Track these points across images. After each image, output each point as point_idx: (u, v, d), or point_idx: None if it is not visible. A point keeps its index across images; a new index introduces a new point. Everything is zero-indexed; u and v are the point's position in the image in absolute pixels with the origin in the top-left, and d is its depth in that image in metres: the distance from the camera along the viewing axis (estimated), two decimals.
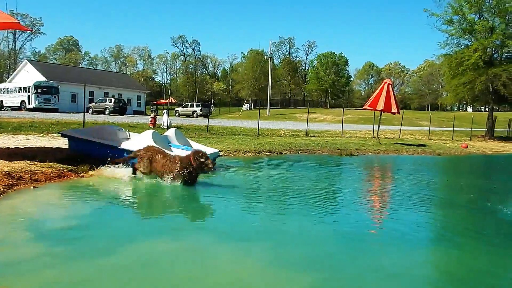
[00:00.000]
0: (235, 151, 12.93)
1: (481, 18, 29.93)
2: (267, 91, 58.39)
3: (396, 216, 5.60)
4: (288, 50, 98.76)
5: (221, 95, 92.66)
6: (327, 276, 3.38)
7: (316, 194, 6.88)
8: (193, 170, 6.00)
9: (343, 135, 22.55)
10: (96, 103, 41.06)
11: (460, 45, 31.37)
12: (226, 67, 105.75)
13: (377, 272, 3.50)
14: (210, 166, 5.99)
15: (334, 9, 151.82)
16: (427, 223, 5.40)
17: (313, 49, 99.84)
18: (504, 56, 30.33)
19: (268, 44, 59.38)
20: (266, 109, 56.32)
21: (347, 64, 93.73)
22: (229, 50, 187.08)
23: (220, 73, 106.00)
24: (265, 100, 60.13)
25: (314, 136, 20.67)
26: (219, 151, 10.68)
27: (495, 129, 32.01)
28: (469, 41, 30.63)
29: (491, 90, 29.50)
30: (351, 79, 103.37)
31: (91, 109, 39.23)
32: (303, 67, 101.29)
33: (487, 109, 35.24)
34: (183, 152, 8.06)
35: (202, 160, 5.92)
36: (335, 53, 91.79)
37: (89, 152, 7.83)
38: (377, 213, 5.83)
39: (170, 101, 63.33)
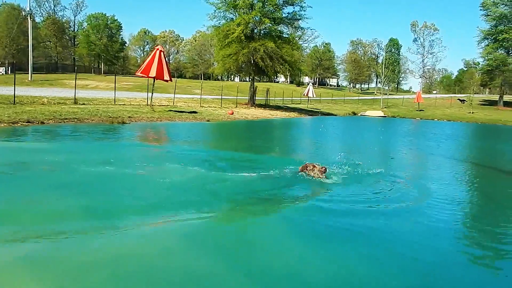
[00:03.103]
0: None
1: None
2: (27, 53, 50.75)
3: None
4: (52, 8, 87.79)
5: None
6: None
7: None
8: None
9: (116, 103, 21.66)
10: None
11: (226, 18, 33.76)
12: None
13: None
14: (319, 176, 6.71)
15: None
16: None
17: (82, 9, 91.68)
18: (262, 32, 34.06)
19: None
20: (28, 73, 49.10)
21: (121, 29, 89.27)
22: None
23: None
24: (26, 63, 52.27)
25: (84, 104, 19.19)
26: None
27: (256, 98, 36.18)
28: (234, 15, 33.23)
29: (252, 62, 32.95)
30: (126, 45, 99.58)
31: None
32: (72, 29, 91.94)
33: (250, 79, 39.30)
34: None
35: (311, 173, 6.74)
36: (107, 15, 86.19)
37: None
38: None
39: None
